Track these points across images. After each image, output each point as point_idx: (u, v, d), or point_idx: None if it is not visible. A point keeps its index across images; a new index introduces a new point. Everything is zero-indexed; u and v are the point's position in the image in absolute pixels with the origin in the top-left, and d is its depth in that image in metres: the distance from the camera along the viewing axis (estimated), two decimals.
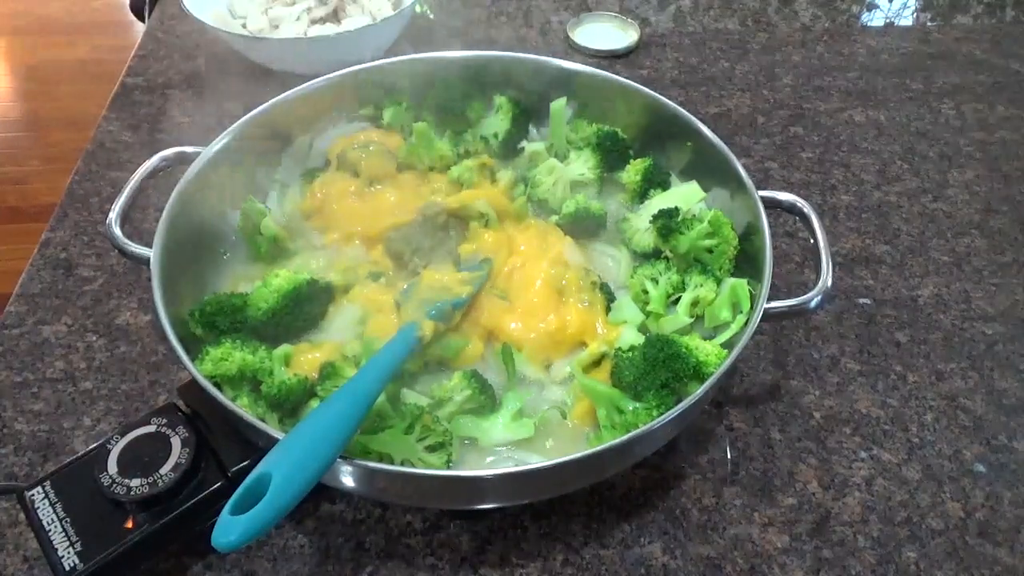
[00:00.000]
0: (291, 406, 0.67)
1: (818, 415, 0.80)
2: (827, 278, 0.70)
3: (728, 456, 0.76)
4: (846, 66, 1.26)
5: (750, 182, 0.77)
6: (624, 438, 0.60)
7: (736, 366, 0.76)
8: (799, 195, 0.78)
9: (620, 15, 1.31)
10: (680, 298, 0.76)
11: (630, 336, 0.73)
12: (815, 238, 0.74)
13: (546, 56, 0.92)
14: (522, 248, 0.81)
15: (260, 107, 0.84)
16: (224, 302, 0.72)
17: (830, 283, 0.70)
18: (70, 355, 0.82)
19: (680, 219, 0.78)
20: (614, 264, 0.83)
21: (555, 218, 0.85)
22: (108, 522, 0.60)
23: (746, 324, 0.70)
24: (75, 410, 0.78)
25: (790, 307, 0.69)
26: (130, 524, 0.60)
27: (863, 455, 0.76)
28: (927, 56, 1.28)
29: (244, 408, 0.64)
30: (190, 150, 0.80)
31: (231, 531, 0.49)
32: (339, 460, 0.57)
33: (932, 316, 0.89)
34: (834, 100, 1.19)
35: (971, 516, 0.72)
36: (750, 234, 0.76)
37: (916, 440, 0.78)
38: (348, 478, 0.61)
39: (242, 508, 0.50)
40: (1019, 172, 1.08)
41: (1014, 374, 0.84)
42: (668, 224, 0.78)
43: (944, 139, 1.13)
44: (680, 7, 1.38)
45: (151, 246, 0.70)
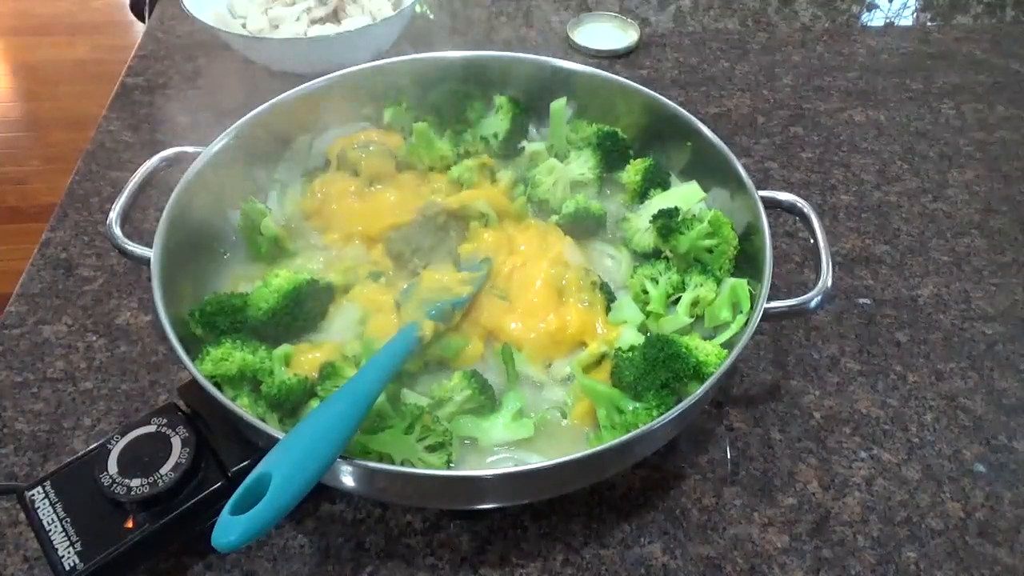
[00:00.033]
0: (291, 406, 0.67)
1: (818, 415, 0.80)
2: (827, 278, 0.70)
3: (728, 456, 0.76)
4: (846, 66, 1.26)
5: (750, 182, 0.77)
6: (624, 438, 0.60)
7: (736, 366, 0.76)
8: (799, 195, 0.78)
9: (620, 15, 1.31)
10: (680, 298, 0.76)
11: (630, 336, 0.73)
12: (815, 238, 0.74)
13: (546, 56, 0.92)
14: (522, 248, 0.81)
15: (260, 107, 0.84)
16: (224, 302, 0.72)
17: (830, 283, 0.70)
18: (70, 355, 0.82)
19: (680, 219, 0.78)
20: (614, 264, 0.83)
21: (555, 218, 0.85)
22: (108, 522, 0.60)
23: (746, 324, 0.70)
24: (75, 410, 0.78)
25: (790, 307, 0.69)
26: (130, 524, 0.60)
27: (863, 455, 0.76)
28: (927, 56, 1.28)
29: (244, 408, 0.64)
30: (190, 150, 0.80)
31: (231, 531, 0.49)
32: (339, 460, 0.57)
33: (932, 316, 0.89)
34: (834, 100, 1.19)
35: (971, 516, 0.72)
36: (750, 234, 0.76)
37: (916, 440, 0.78)
38: (348, 478, 0.61)
39: (242, 508, 0.50)
40: (1019, 172, 1.08)
41: (1014, 374, 0.84)
42: (668, 224, 0.78)
43: (944, 139, 1.13)
44: (680, 7, 1.38)
45: (151, 246, 0.70)
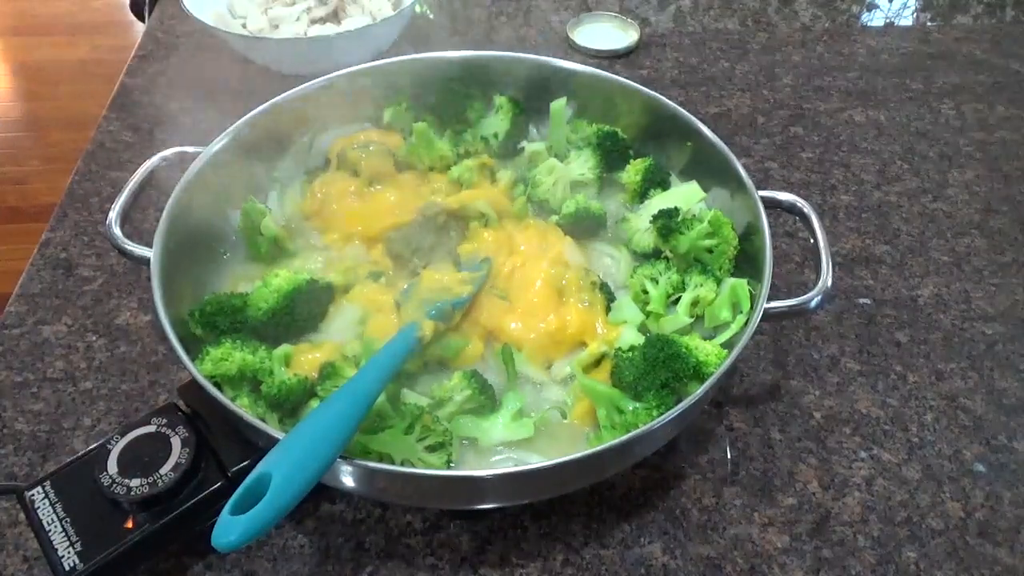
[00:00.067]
0: (291, 406, 0.67)
1: (818, 415, 0.80)
2: (827, 278, 0.70)
3: (728, 456, 0.76)
4: (846, 66, 1.25)
5: (750, 182, 0.77)
6: (624, 438, 0.60)
7: (736, 366, 0.76)
8: (799, 195, 0.78)
9: (620, 15, 1.31)
10: (680, 298, 0.76)
11: (630, 336, 0.73)
12: (815, 238, 0.74)
13: (546, 56, 0.92)
14: (522, 248, 0.81)
15: (260, 107, 0.84)
16: (224, 302, 0.72)
17: (830, 283, 0.70)
18: (70, 355, 0.82)
19: (680, 219, 0.78)
20: (614, 264, 0.83)
21: (555, 218, 0.85)
22: (108, 522, 0.60)
23: (746, 324, 0.70)
24: (75, 410, 0.78)
25: (790, 307, 0.69)
26: (130, 524, 0.60)
27: (863, 455, 0.76)
28: (927, 56, 1.28)
29: (244, 408, 0.64)
30: (190, 150, 0.80)
31: (231, 531, 0.49)
32: (339, 460, 0.57)
33: (932, 316, 0.89)
34: (834, 100, 1.19)
35: (971, 516, 0.72)
36: (750, 234, 0.76)
37: (916, 440, 0.78)
38: (348, 478, 0.61)
39: (242, 508, 0.50)
40: (1019, 172, 1.08)
41: (1014, 374, 0.84)
42: (668, 224, 0.78)
43: (944, 139, 1.13)
44: (680, 7, 1.38)
45: (151, 246, 0.70)
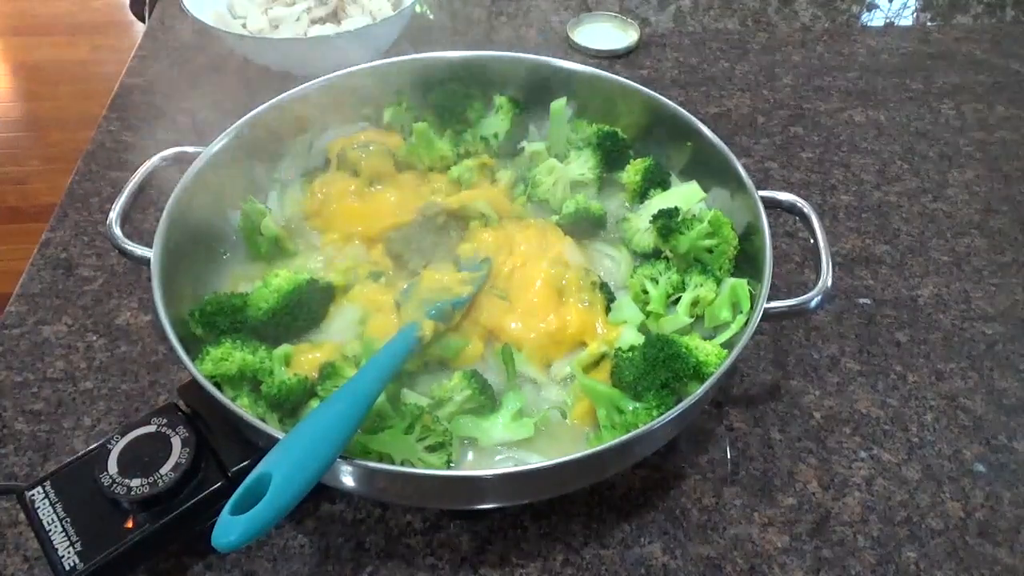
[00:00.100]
0: (291, 406, 0.67)
1: (818, 415, 0.80)
2: (827, 278, 0.70)
3: (728, 456, 0.76)
4: (846, 66, 1.25)
5: (750, 182, 0.77)
6: (624, 438, 0.60)
7: (736, 366, 0.76)
8: (799, 195, 0.78)
9: (620, 15, 1.31)
10: (680, 298, 0.76)
11: (630, 336, 0.73)
12: (815, 238, 0.74)
13: (546, 56, 0.92)
14: (522, 248, 0.81)
15: (260, 107, 0.84)
16: (224, 302, 0.72)
17: (830, 283, 0.70)
18: (70, 355, 0.82)
19: (680, 219, 0.78)
20: (614, 264, 0.83)
21: (555, 218, 0.85)
22: (108, 522, 0.60)
23: (746, 324, 0.70)
24: (75, 410, 0.78)
25: (790, 307, 0.69)
26: (130, 524, 0.60)
27: (863, 455, 0.76)
28: (927, 56, 1.28)
29: (244, 408, 0.64)
30: (190, 150, 0.80)
31: (231, 531, 0.49)
32: (339, 460, 0.57)
33: (932, 316, 0.89)
34: (834, 100, 1.19)
35: (971, 516, 0.72)
36: (750, 234, 0.76)
37: (916, 440, 0.78)
38: (348, 478, 0.61)
39: (242, 508, 0.50)
40: (1019, 172, 1.08)
41: (1014, 374, 0.84)
42: (668, 224, 0.78)
43: (944, 139, 1.13)
44: (680, 7, 1.38)
45: (151, 246, 0.70)
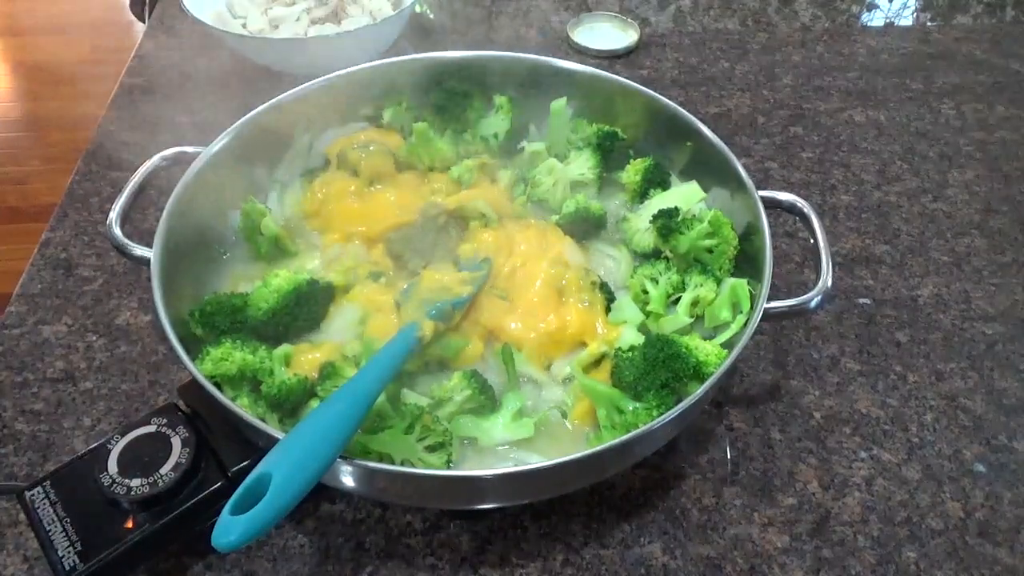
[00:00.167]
0: (291, 406, 0.67)
1: (818, 415, 0.80)
2: (827, 278, 0.70)
3: (728, 456, 0.76)
4: (846, 66, 1.25)
5: (750, 182, 0.77)
6: (624, 438, 0.60)
7: (736, 366, 0.76)
8: (799, 195, 0.78)
9: (620, 15, 1.31)
10: (680, 298, 0.76)
11: (630, 336, 0.73)
12: (815, 238, 0.74)
13: (546, 56, 0.92)
14: (522, 248, 0.80)
15: (260, 107, 0.84)
16: (224, 302, 0.72)
17: (830, 283, 0.70)
18: (70, 355, 0.82)
19: (680, 219, 0.78)
20: (614, 264, 0.83)
21: (555, 218, 0.85)
22: (108, 522, 0.60)
23: (746, 324, 0.70)
24: (75, 410, 0.78)
25: (790, 307, 0.69)
26: (130, 524, 0.60)
27: (863, 455, 0.76)
28: (927, 56, 1.28)
29: (244, 408, 0.64)
30: (190, 150, 0.80)
31: (231, 531, 0.49)
32: (339, 460, 0.57)
33: (932, 316, 0.89)
34: (834, 100, 1.19)
35: (971, 516, 0.72)
36: (750, 234, 0.76)
37: (916, 440, 0.78)
38: (348, 478, 0.61)
39: (242, 508, 0.50)
40: (1019, 172, 1.08)
41: (1014, 374, 0.84)
42: (668, 224, 0.78)
43: (944, 139, 1.13)
44: (680, 7, 1.38)
45: (151, 246, 0.70)
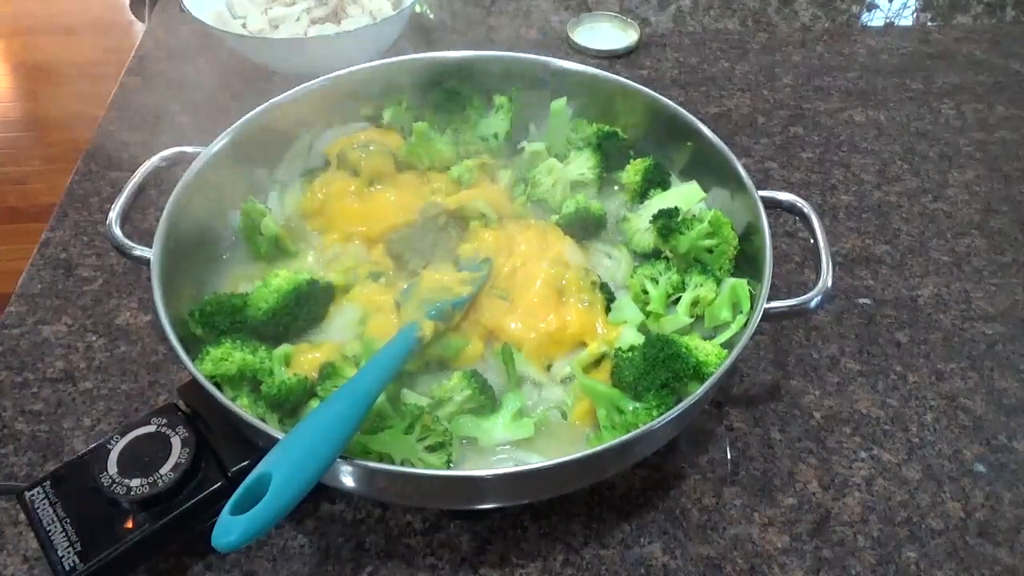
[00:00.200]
0: (291, 406, 0.67)
1: (818, 415, 0.80)
2: (827, 278, 0.70)
3: (728, 456, 0.76)
4: (846, 66, 1.25)
5: (750, 182, 0.77)
6: (624, 438, 0.60)
7: (736, 366, 0.76)
8: (799, 195, 0.78)
9: (620, 15, 1.31)
10: (680, 298, 0.76)
11: (630, 336, 0.73)
12: (815, 238, 0.74)
13: (546, 56, 0.92)
14: (522, 248, 0.80)
15: (260, 107, 0.84)
16: (224, 302, 0.72)
17: (830, 283, 0.70)
18: (70, 355, 0.82)
19: (680, 219, 0.78)
20: (614, 264, 0.83)
21: (555, 218, 0.85)
22: (108, 522, 0.60)
23: (746, 324, 0.70)
24: (75, 410, 0.78)
25: (790, 307, 0.69)
26: (130, 524, 0.60)
27: (863, 455, 0.76)
28: (927, 56, 1.28)
29: (244, 408, 0.64)
30: (190, 150, 0.80)
31: (231, 531, 0.49)
32: (339, 460, 0.57)
33: (932, 316, 0.89)
34: (834, 100, 1.19)
35: (971, 516, 0.72)
36: (750, 234, 0.76)
37: (916, 440, 0.78)
38: (348, 478, 0.61)
39: (242, 508, 0.50)
40: (1019, 172, 1.08)
41: (1014, 374, 0.84)
42: (668, 224, 0.78)
43: (944, 139, 1.13)
44: (680, 7, 1.38)
45: (151, 246, 0.70)
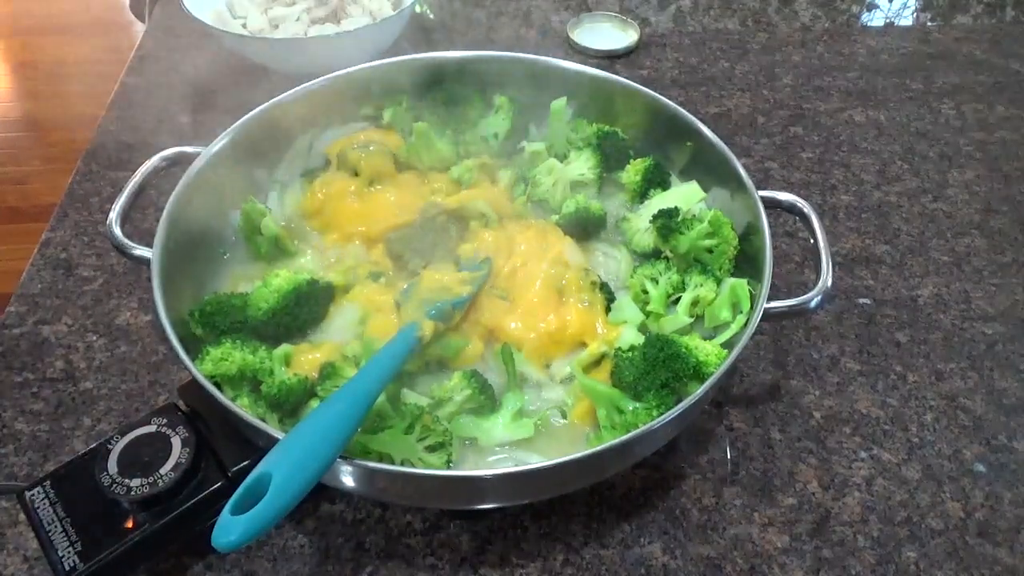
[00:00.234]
0: (291, 406, 0.67)
1: (818, 415, 0.80)
2: (827, 278, 0.70)
3: (728, 456, 0.76)
4: (846, 66, 1.25)
5: (750, 182, 0.77)
6: (624, 438, 0.60)
7: (736, 366, 0.76)
8: (799, 195, 0.78)
9: (620, 15, 1.31)
10: (680, 298, 0.76)
11: (630, 336, 0.73)
12: (815, 238, 0.74)
13: (546, 56, 0.92)
14: (522, 248, 0.81)
15: (260, 107, 0.84)
16: (224, 302, 0.72)
17: (830, 283, 0.70)
18: (70, 355, 0.82)
19: (680, 219, 0.78)
20: (614, 264, 0.83)
21: (555, 218, 0.85)
22: (108, 522, 0.60)
23: (746, 324, 0.70)
24: (75, 410, 0.78)
25: (790, 307, 0.69)
26: (130, 524, 0.60)
27: (863, 455, 0.76)
28: (927, 56, 1.28)
29: (244, 408, 0.64)
30: (190, 150, 0.80)
31: (231, 531, 0.49)
32: (339, 460, 0.57)
33: (932, 316, 0.89)
34: (834, 100, 1.19)
35: (971, 516, 0.72)
36: (750, 234, 0.76)
37: (916, 440, 0.78)
38: (348, 478, 0.61)
39: (242, 508, 0.50)
40: (1019, 172, 1.08)
41: (1014, 374, 0.84)
42: (668, 224, 0.78)
43: (944, 139, 1.13)
44: (680, 7, 1.38)
45: (151, 246, 0.70)
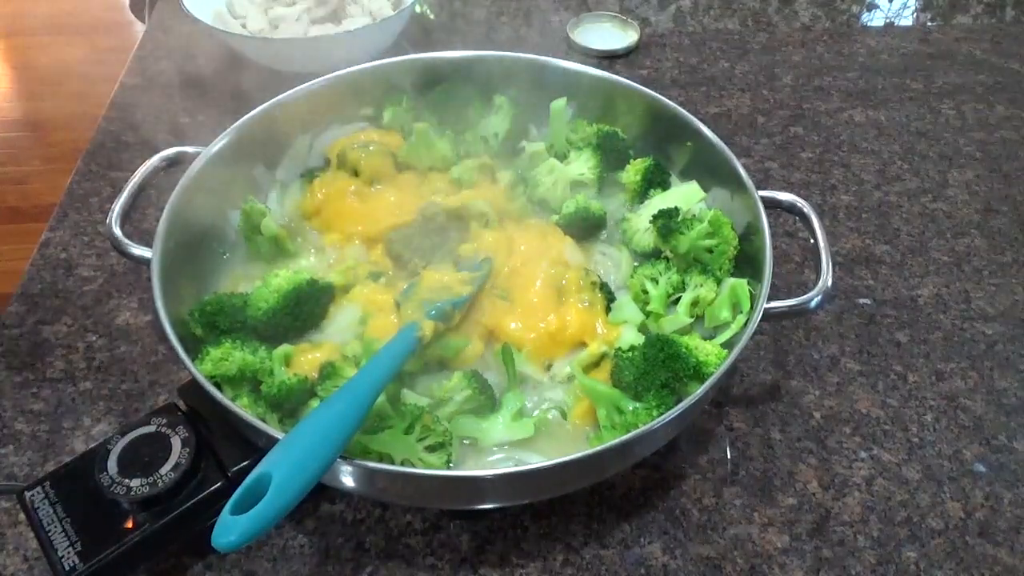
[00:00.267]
0: (291, 406, 0.67)
1: (818, 415, 0.80)
2: (827, 278, 0.70)
3: (728, 456, 0.76)
4: (846, 66, 1.26)
5: (750, 182, 0.77)
6: (624, 438, 0.60)
7: (736, 366, 0.76)
8: (799, 195, 0.78)
9: (620, 15, 1.31)
10: (680, 298, 0.76)
11: (630, 336, 0.73)
12: (815, 238, 0.74)
13: (546, 56, 0.92)
14: (522, 248, 0.81)
15: (260, 107, 0.84)
16: (224, 302, 0.72)
17: (830, 283, 0.70)
18: (70, 355, 0.82)
19: (680, 219, 0.78)
20: (614, 264, 0.83)
21: (555, 218, 0.85)
22: (108, 522, 0.60)
23: (746, 324, 0.70)
24: (75, 410, 0.78)
25: (790, 307, 0.69)
26: (130, 524, 0.60)
27: (863, 455, 0.76)
28: (927, 56, 1.28)
29: (244, 408, 0.64)
30: (190, 150, 0.80)
31: (231, 531, 0.49)
32: (339, 460, 0.57)
33: (932, 316, 0.89)
34: (834, 100, 1.19)
35: (971, 516, 0.72)
36: (750, 234, 0.76)
37: (916, 440, 0.78)
38: (348, 478, 0.61)
39: (242, 508, 0.50)
40: (1019, 172, 1.08)
41: (1014, 374, 0.84)
42: (668, 224, 0.78)
43: (944, 139, 1.13)
44: (680, 7, 1.38)
45: (151, 246, 0.70)
